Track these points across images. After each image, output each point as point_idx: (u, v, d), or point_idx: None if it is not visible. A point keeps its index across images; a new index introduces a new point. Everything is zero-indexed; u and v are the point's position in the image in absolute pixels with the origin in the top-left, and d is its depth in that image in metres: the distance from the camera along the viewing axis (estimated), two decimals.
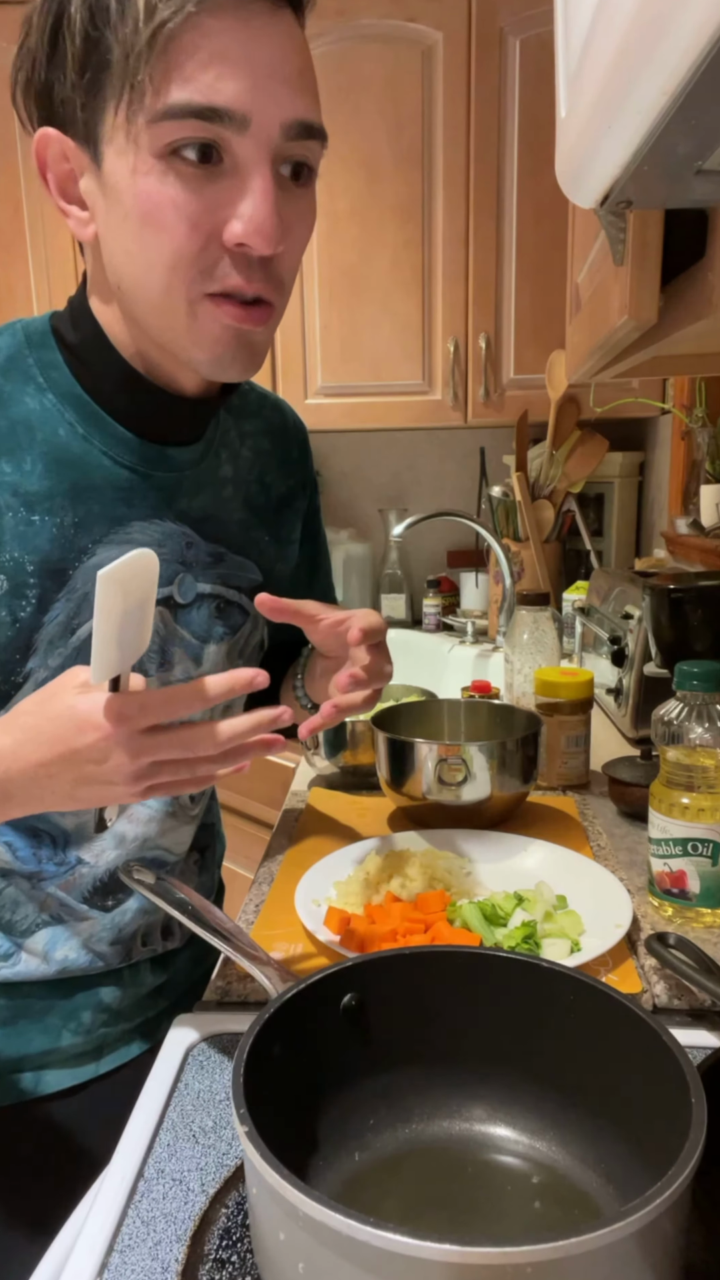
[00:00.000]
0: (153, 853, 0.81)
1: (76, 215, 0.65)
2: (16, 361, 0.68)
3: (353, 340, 2.02)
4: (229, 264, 0.61)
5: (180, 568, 0.75)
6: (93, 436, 0.69)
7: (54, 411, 0.68)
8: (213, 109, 0.57)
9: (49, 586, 0.68)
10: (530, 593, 1.26)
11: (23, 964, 0.76)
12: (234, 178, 0.59)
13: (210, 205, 0.59)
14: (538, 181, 1.89)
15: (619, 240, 0.59)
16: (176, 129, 0.57)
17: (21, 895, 0.75)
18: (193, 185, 0.59)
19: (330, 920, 0.77)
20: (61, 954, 0.77)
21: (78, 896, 0.77)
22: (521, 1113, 0.53)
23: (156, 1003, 0.85)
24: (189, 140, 0.58)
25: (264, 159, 0.59)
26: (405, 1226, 0.35)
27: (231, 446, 0.81)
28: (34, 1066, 0.79)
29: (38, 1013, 0.78)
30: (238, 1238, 0.50)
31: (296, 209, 0.63)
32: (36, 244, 2.05)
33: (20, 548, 0.66)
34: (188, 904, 0.66)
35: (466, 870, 0.88)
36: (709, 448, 1.66)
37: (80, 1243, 0.51)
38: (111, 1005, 0.81)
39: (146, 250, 0.61)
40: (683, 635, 1.20)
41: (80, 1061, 0.81)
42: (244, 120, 0.57)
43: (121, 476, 0.70)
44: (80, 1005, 0.80)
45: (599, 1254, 0.34)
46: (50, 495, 0.67)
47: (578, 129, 0.42)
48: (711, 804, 0.76)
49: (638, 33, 0.31)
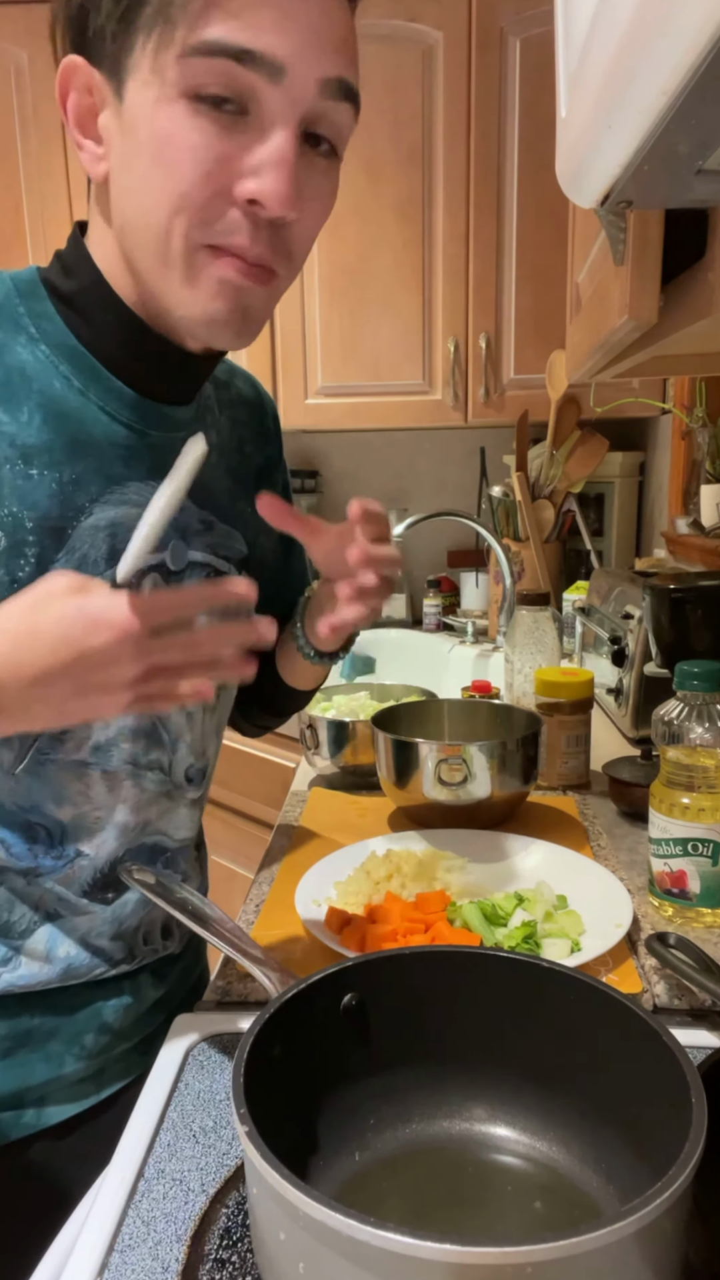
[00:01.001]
0: (153, 838, 0.79)
1: (91, 150, 0.61)
2: (5, 310, 0.65)
3: (353, 340, 2.02)
4: (237, 220, 0.58)
5: (172, 532, 0.73)
6: (89, 390, 0.66)
7: (48, 363, 0.65)
8: (249, 51, 0.54)
9: (48, 545, 0.65)
10: (530, 593, 1.26)
11: (23, 968, 0.73)
12: (258, 130, 0.57)
13: (228, 154, 0.56)
14: (538, 181, 1.89)
15: (619, 240, 0.59)
16: (207, 69, 0.54)
17: (15, 896, 0.72)
18: (213, 131, 0.56)
19: (330, 920, 0.77)
20: (63, 951, 0.74)
21: (77, 890, 0.74)
22: (521, 1113, 0.53)
23: (154, 1017, 0.83)
24: (217, 83, 0.55)
25: (293, 116, 0.57)
26: (405, 1226, 0.35)
27: (213, 413, 0.79)
28: (35, 1099, 0.76)
29: (40, 1039, 0.75)
30: (238, 1238, 0.50)
31: (316, 182, 0.61)
32: (37, 244, 2.06)
33: (19, 503, 0.64)
34: (188, 903, 0.66)
35: (466, 870, 0.88)
36: (709, 447, 1.66)
37: (80, 1243, 0.51)
38: (113, 1024, 0.79)
39: (152, 189, 0.58)
40: (683, 635, 1.20)
41: (82, 1089, 0.78)
42: (280, 69, 0.55)
43: (119, 434, 0.68)
44: (83, 1027, 0.77)
45: (599, 1254, 0.34)
46: (49, 449, 0.65)
47: (578, 129, 0.42)
48: (712, 804, 0.76)
49: (638, 33, 0.31)
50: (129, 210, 0.61)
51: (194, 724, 0.78)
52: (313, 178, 0.60)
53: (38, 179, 2.03)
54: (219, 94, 0.55)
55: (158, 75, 0.56)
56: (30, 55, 1.97)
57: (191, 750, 0.79)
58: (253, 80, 0.55)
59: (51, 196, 2.03)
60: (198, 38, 0.54)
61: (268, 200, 0.57)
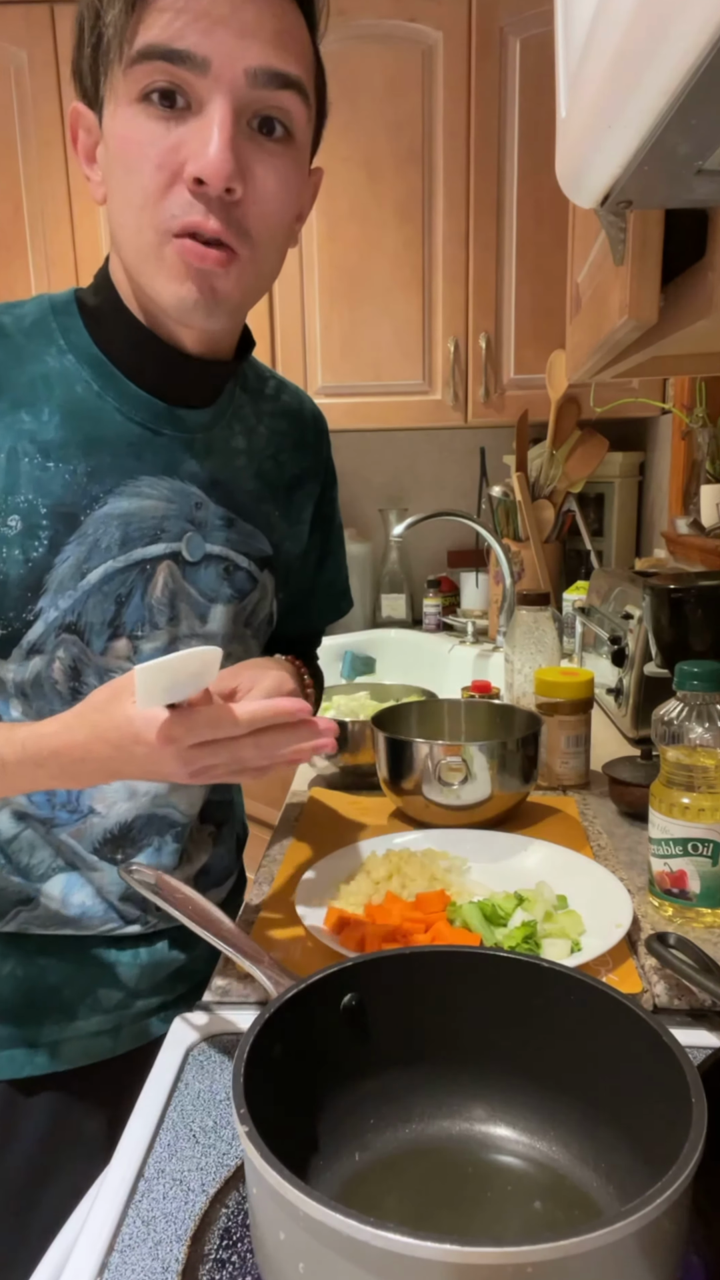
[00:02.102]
0: (163, 810, 0.83)
1: (94, 179, 0.70)
2: (41, 325, 0.73)
3: (353, 340, 2.02)
4: (190, 200, 0.64)
5: (189, 525, 0.77)
6: (107, 393, 0.73)
7: (73, 370, 0.73)
8: (175, 51, 0.61)
9: (60, 530, 0.71)
10: (530, 593, 1.26)
11: (41, 909, 0.79)
12: (197, 119, 0.63)
13: (174, 145, 0.63)
14: (538, 181, 1.89)
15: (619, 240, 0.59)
16: (145, 73, 0.62)
17: (38, 839, 0.78)
18: (159, 127, 0.63)
19: (330, 920, 0.77)
20: (78, 899, 0.79)
21: (88, 846, 0.79)
22: (521, 1113, 0.53)
23: (175, 987, 0.87)
24: (156, 83, 0.62)
25: (224, 100, 0.62)
26: (405, 1226, 0.35)
27: (247, 422, 0.84)
28: (50, 1040, 0.80)
29: (55, 986, 0.80)
30: (238, 1238, 0.50)
31: (265, 161, 0.66)
32: (36, 244, 2.05)
33: (34, 491, 0.70)
34: (189, 904, 0.66)
35: (466, 870, 0.88)
36: (709, 448, 1.66)
37: (80, 1243, 0.51)
38: (128, 983, 0.83)
39: (123, 192, 0.66)
40: (683, 635, 1.20)
41: (97, 1043, 0.82)
42: (204, 62, 0.61)
43: (133, 431, 0.74)
44: (97, 981, 0.81)
45: (599, 1254, 0.34)
46: (65, 444, 0.71)
47: (578, 129, 0.42)
48: (712, 804, 0.76)
49: (638, 33, 0.31)
50: (114, 219, 0.69)
51: None
52: (263, 158, 0.65)
53: (38, 179, 2.02)
54: (161, 88, 0.62)
55: (114, 93, 0.65)
56: (30, 55, 1.97)
57: None
58: (184, 75, 0.62)
59: (51, 196, 2.03)
60: (134, 47, 0.62)
61: (207, 175, 0.62)
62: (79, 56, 0.67)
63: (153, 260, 0.66)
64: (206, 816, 0.90)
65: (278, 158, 0.66)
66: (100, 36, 0.64)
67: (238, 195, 0.64)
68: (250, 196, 0.65)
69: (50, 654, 0.73)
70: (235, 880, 0.98)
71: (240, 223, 0.65)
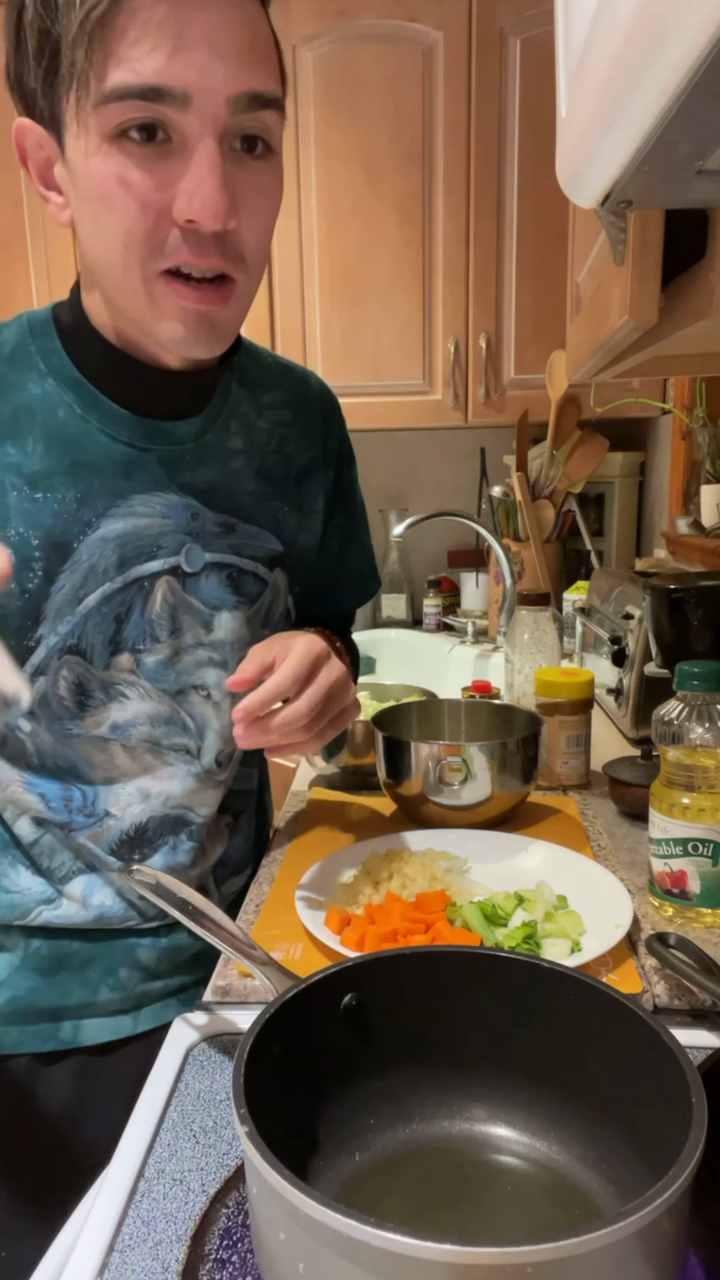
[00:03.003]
0: (177, 811, 0.83)
1: (55, 201, 0.67)
2: (20, 351, 0.72)
3: (353, 340, 2.02)
4: (179, 239, 0.62)
5: (186, 538, 0.77)
6: (90, 416, 0.72)
7: (54, 395, 0.71)
8: (151, 88, 0.57)
9: (54, 559, 0.71)
10: (531, 593, 1.26)
11: (64, 908, 0.80)
12: (181, 154, 0.60)
13: (159, 183, 0.60)
14: (538, 181, 1.89)
15: (619, 240, 0.59)
16: (120, 111, 0.58)
17: (58, 843, 0.79)
18: (141, 164, 0.60)
19: (330, 920, 0.77)
20: (98, 900, 0.80)
21: (105, 848, 0.80)
22: (521, 1113, 0.53)
23: (194, 970, 0.88)
24: (133, 121, 0.59)
25: (209, 134, 0.60)
26: (405, 1226, 0.35)
27: (245, 418, 0.82)
28: (72, 1016, 0.82)
29: (77, 965, 0.82)
30: (238, 1238, 0.50)
31: (252, 182, 0.63)
32: (36, 244, 2.05)
33: (25, 523, 0.70)
34: (188, 904, 0.66)
35: (466, 870, 0.88)
36: (709, 448, 1.66)
37: (80, 1243, 0.51)
38: (148, 964, 0.84)
39: (103, 230, 0.63)
40: (683, 635, 1.20)
41: (117, 1019, 0.84)
42: (184, 97, 0.58)
43: (119, 452, 0.73)
44: (118, 960, 0.83)
45: (599, 1254, 0.34)
46: (50, 474, 0.71)
47: (578, 129, 0.42)
48: (712, 804, 0.76)
49: (639, 33, 0.31)
50: (91, 254, 0.66)
51: (221, 713, 0.83)
52: (249, 179, 0.63)
53: None
54: (140, 124, 0.59)
55: (84, 127, 0.60)
56: None
57: (220, 737, 0.84)
58: (164, 111, 0.58)
59: None
60: (105, 87, 0.58)
61: (201, 217, 0.60)
62: (21, 69, 0.62)
63: (142, 298, 0.64)
64: (225, 807, 0.90)
65: (263, 175, 0.65)
66: (55, 60, 0.59)
67: (231, 228, 0.62)
68: (243, 224, 0.63)
69: (54, 674, 0.74)
70: (253, 869, 0.99)
71: (236, 249, 0.64)
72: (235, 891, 0.95)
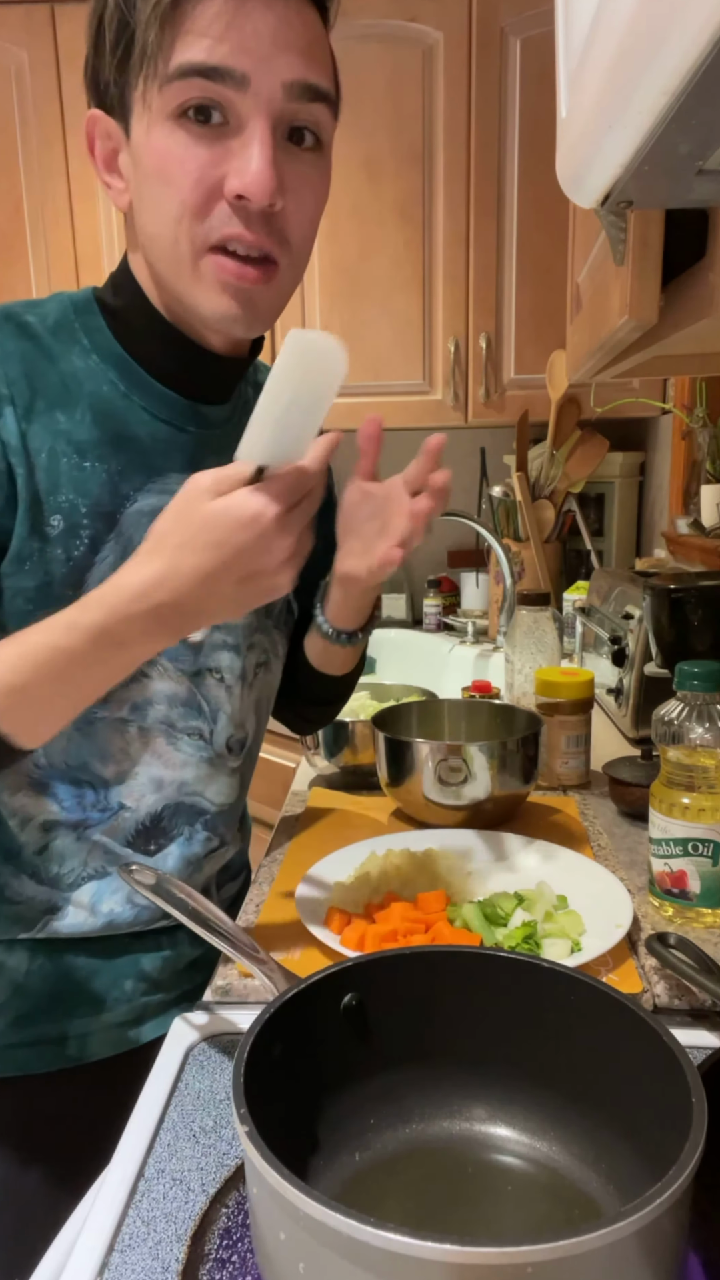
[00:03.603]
0: (191, 799, 0.83)
1: (116, 186, 0.70)
2: (64, 325, 0.74)
3: (353, 340, 2.01)
4: (228, 214, 0.65)
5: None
6: (133, 393, 0.74)
7: (98, 370, 0.73)
8: (212, 68, 0.61)
9: (100, 529, 0.72)
10: (531, 592, 1.26)
11: (70, 917, 0.79)
12: (236, 135, 0.64)
13: (213, 160, 0.64)
14: (538, 181, 1.89)
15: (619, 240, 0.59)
16: (182, 90, 0.62)
17: (69, 847, 0.79)
18: (198, 142, 0.64)
19: (330, 920, 0.77)
20: (107, 907, 0.80)
21: (121, 841, 0.80)
22: (521, 1113, 0.53)
23: (193, 977, 0.88)
24: (193, 100, 0.62)
25: (263, 115, 0.63)
26: (405, 1226, 0.35)
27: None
28: (78, 1034, 0.82)
29: (82, 980, 0.81)
30: (238, 1238, 0.50)
31: (301, 172, 0.67)
32: (37, 244, 2.05)
33: (74, 491, 0.71)
34: (187, 904, 0.66)
35: (466, 870, 0.88)
36: (709, 448, 1.66)
37: (80, 1243, 0.51)
38: (152, 974, 0.84)
39: (159, 205, 0.66)
40: (683, 635, 1.20)
41: (121, 1033, 0.84)
42: (243, 78, 0.62)
43: (158, 429, 0.75)
44: (123, 974, 0.83)
45: (599, 1254, 0.34)
46: (98, 444, 0.72)
47: (578, 129, 0.42)
48: (712, 804, 0.76)
49: (639, 33, 0.31)
50: (147, 229, 0.69)
51: (233, 697, 0.84)
52: (298, 168, 0.67)
53: (38, 179, 2.02)
54: (199, 105, 0.63)
55: (147, 108, 0.64)
56: (30, 55, 1.97)
57: (232, 721, 0.84)
58: (224, 91, 0.62)
59: (51, 197, 2.03)
60: (171, 65, 0.62)
61: (250, 192, 0.63)
62: (99, 64, 0.67)
63: (188, 273, 0.67)
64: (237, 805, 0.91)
65: (311, 167, 0.68)
66: (129, 49, 0.64)
67: (278, 208, 0.65)
68: (289, 207, 0.66)
69: None
70: (245, 875, 0.99)
71: (281, 232, 0.67)
72: (232, 895, 0.95)
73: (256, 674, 0.87)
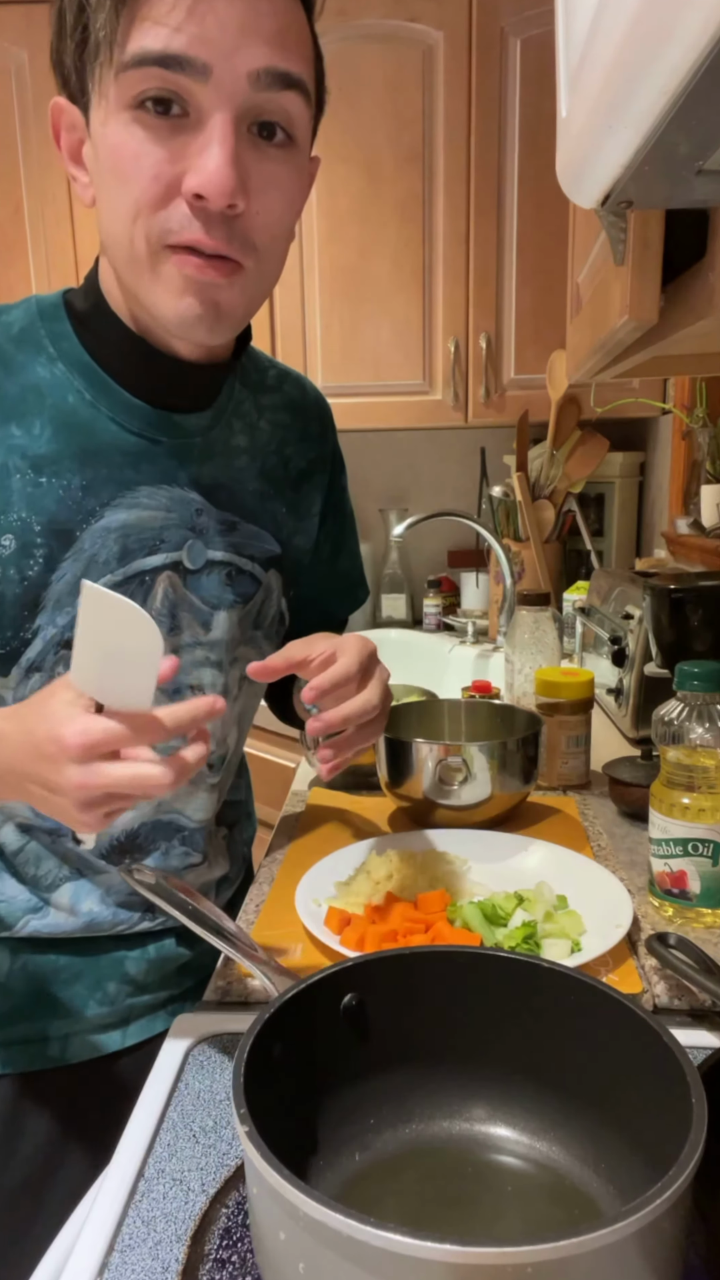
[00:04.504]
0: (169, 816, 0.82)
1: (81, 180, 0.67)
2: (29, 333, 0.70)
3: (353, 340, 2.02)
4: (188, 215, 0.61)
5: (189, 534, 0.76)
6: (100, 403, 0.71)
7: (64, 379, 0.70)
8: (171, 56, 0.57)
9: (55, 546, 0.69)
10: (531, 593, 1.26)
11: (51, 916, 0.79)
12: (196, 129, 0.59)
13: (172, 156, 0.60)
14: (538, 181, 1.89)
15: (620, 240, 0.59)
16: (140, 79, 0.58)
17: (44, 850, 0.78)
18: (155, 136, 0.59)
19: (330, 920, 0.77)
20: (86, 907, 0.80)
21: (96, 853, 0.79)
22: (521, 1113, 0.53)
23: (181, 981, 0.87)
24: (151, 90, 0.58)
25: (225, 109, 0.59)
26: (406, 1226, 0.35)
27: (247, 418, 0.82)
28: (60, 1034, 0.81)
29: (64, 982, 0.81)
30: (238, 1238, 0.50)
31: (268, 170, 0.62)
32: (37, 244, 2.05)
33: (28, 508, 0.68)
34: (188, 904, 0.66)
35: (466, 870, 0.88)
36: (709, 448, 1.66)
37: (80, 1243, 0.51)
38: (136, 977, 0.83)
39: (114, 201, 0.62)
40: (683, 635, 1.20)
41: (105, 1035, 0.83)
42: (204, 68, 0.58)
43: (129, 442, 0.72)
44: (106, 975, 0.82)
45: (599, 1254, 0.34)
46: (57, 459, 0.69)
47: (578, 129, 0.42)
48: (712, 804, 0.76)
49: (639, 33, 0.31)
50: (104, 226, 0.66)
51: None
52: (265, 167, 0.62)
53: (38, 179, 2.02)
54: (156, 96, 0.58)
55: (104, 97, 0.60)
56: (30, 55, 1.97)
57: (214, 738, 0.83)
58: (183, 81, 0.58)
59: (51, 197, 2.03)
60: (126, 53, 0.58)
61: (208, 192, 0.59)
62: (60, 49, 0.63)
63: (148, 273, 0.63)
64: (220, 819, 0.90)
65: (279, 164, 0.63)
66: (85, 33, 0.60)
67: (240, 210, 0.61)
68: (253, 208, 0.62)
69: (49, 671, 0.72)
70: (244, 878, 0.99)
71: (245, 235, 0.63)
72: (227, 901, 0.95)
73: (240, 687, 0.85)
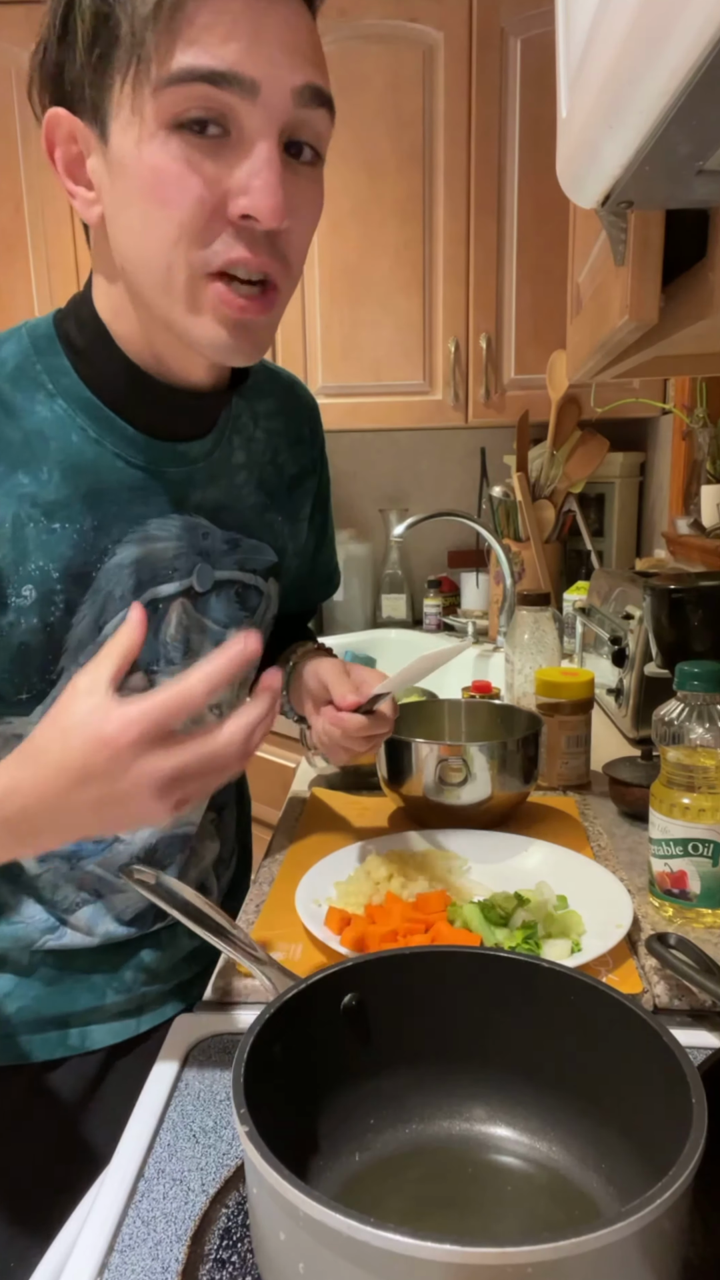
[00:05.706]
0: (184, 829, 0.85)
1: (83, 196, 0.64)
2: (25, 370, 0.68)
3: (353, 340, 2.02)
4: (233, 237, 0.60)
5: (198, 558, 0.76)
6: (104, 439, 0.69)
7: (65, 418, 0.68)
8: (220, 73, 0.55)
9: (74, 590, 0.69)
10: (531, 593, 1.26)
11: (68, 936, 0.80)
12: (240, 149, 0.58)
13: (216, 177, 0.58)
14: (538, 181, 1.89)
15: (620, 240, 0.59)
16: (184, 96, 0.56)
17: (60, 878, 0.78)
18: (199, 156, 0.58)
19: (330, 920, 0.77)
20: (103, 929, 0.81)
21: (114, 872, 0.80)
22: (521, 1113, 0.53)
23: (191, 966, 0.89)
24: (195, 108, 0.56)
25: (272, 129, 0.58)
26: (405, 1226, 0.35)
27: (245, 431, 0.81)
28: (80, 1023, 0.83)
29: (83, 972, 0.82)
30: (238, 1238, 0.50)
31: (302, 189, 0.62)
32: (37, 244, 2.05)
33: (45, 557, 0.67)
34: (189, 905, 0.66)
35: (466, 870, 0.88)
36: (710, 448, 1.66)
37: (80, 1243, 0.51)
38: (151, 966, 0.86)
39: (150, 226, 0.60)
40: (683, 635, 1.20)
41: (123, 1019, 0.85)
42: (253, 85, 0.56)
43: (135, 476, 0.71)
44: (123, 966, 0.84)
45: (599, 1254, 0.34)
46: (68, 503, 0.68)
47: (579, 129, 0.42)
48: (712, 804, 0.76)
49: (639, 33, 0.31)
50: (130, 250, 0.62)
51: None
52: (298, 185, 0.62)
53: (38, 179, 2.02)
54: (199, 116, 0.57)
55: (138, 114, 0.57)
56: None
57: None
58: (229, 100, 0.57)
59: (51, 197, 2.03)
60: (171, 68, 0.55)
61: (260, 214, 0.58)
62: (64, 58, 0.60)
63: (183, 301, 0.62)
64: (209, 804, 0.90)
65: (310, 181, 0.63)
66: (111, 46, 0.57)
67: (286, 228, 0.60)
68: (292, 226, 0.62)
69: None
70: (238, 860, 0.99)
71: (283, 252, 0.62)
72: (229, 880, 0.95)
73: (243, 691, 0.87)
